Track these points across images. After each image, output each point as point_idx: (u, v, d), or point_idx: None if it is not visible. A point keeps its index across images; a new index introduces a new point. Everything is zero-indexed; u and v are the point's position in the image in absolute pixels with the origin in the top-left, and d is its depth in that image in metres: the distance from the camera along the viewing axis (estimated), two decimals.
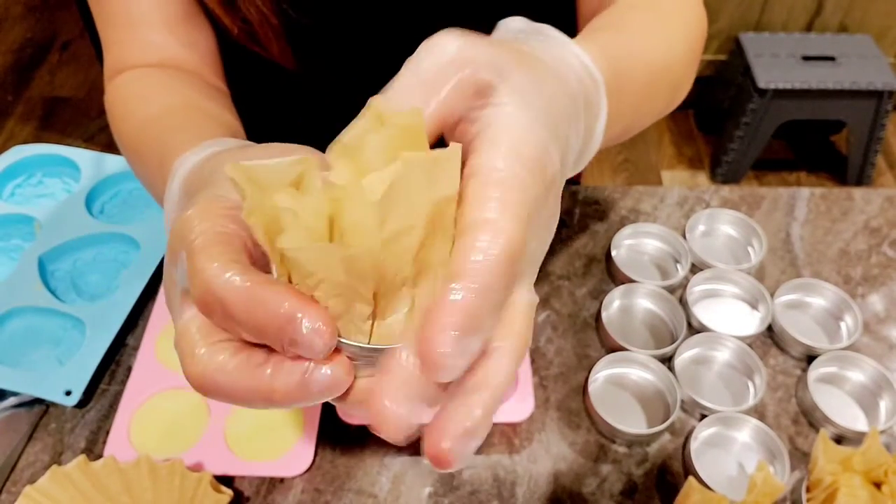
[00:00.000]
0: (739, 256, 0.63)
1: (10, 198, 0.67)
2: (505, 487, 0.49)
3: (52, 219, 0.64)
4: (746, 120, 1.73)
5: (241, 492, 0.49)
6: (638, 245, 0.64)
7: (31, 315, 0.57)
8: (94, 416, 0.53)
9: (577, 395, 0.54)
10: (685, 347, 0.55)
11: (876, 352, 0.57)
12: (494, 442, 0.51)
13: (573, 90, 0.30)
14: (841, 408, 0.53)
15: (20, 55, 2.18)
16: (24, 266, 0.59)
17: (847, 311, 0.58)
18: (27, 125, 1.98)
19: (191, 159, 0.35)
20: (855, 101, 1.69)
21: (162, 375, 0.53)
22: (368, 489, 0.49)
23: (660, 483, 0.49)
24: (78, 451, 0.51)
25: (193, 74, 0.52)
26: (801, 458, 0.51)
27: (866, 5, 1.80)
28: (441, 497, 0.48)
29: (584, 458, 0.50)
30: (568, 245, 0.64)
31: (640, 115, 0.42)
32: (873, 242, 0.64)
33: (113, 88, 0.52)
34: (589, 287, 0.61)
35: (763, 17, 1.84)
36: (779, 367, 0.56)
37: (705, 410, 0.52)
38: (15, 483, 0.49)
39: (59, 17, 2.24)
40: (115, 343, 0.55)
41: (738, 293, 0.60)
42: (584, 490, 0.49)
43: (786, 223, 0.66)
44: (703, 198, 0.68)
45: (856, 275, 0.62)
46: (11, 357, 0.55)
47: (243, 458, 0.49)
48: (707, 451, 0.51)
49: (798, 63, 1.72)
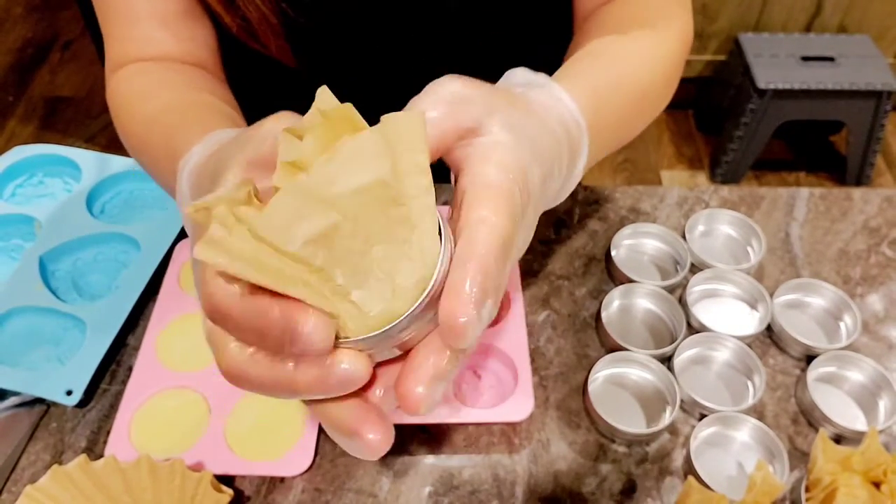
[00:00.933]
0: (739, 256, 0.63)
1: (10, 198, 0.67)
2: (505, 487, 0.49)
3: (53, 219, 0.64)
4: (746, 120, 1.73)
5: (242, 491, 0.49)
6: (637, 245, 0.64)
7: (32, 315, 0.57)
8: (95, 415, 0.53)
9: (576, 394, 0.54)
10: (685, 347, 0.55)
11: (875, 351, 0.57)
12: (494, 441, 0.51)
13: (558, 135, 0.35)
14: (840, 407, 0.53)
15: (21, 55, 2.18)
16: (24, 266, 0.59)
17: (846, 310, 0.58)
18: (28, 125, 1.98)
19: (196, 154, 0.37)
20: (854, 101, 1.69)
21: (162, 375, 0.53)
22: (368, 489, 0.49)
23: (659, 482, 0.49)
24: (79, 451, 0.51)
25: (193, 68, 0.53)
26: (800, 457, 0.51)
27: (865, 6, 1.80)
28: (441, 496, 0.48)
29: (584, 457, 0.51)
30: (567, 245, 0.64)
31: (620, 139, 0.46)
32: (872, 242, 0.65)
33: (115, 82, 0.52)
34: (588, 287, 0.61)
35: (762, 17, 1.84)
36: (778, 366, 0.56)
37: (705, 410, 0.52)
38: (16, 482, 0.49)
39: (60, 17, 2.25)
40: (116, 343, 0.55)
41: (738, 293, 0.60)
42: (584, 489, 0.49)
43: (785, 223, 0.66)
44: (703, 198, 0.68)
45: (855, 275, 0.62)
46: (12, 357, 0.55)
47: (244, 458, 0.49)
48: (706, 450, 0.51)
49: (797, 63, 1.72)
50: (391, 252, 0.25)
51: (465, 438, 0.51)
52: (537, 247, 0.63)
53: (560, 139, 0.35)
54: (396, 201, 0.25)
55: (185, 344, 0.55)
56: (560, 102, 0.37)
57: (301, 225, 0.24)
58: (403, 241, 0.26)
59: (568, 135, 0.36)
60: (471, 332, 0.25)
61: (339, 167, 0.24)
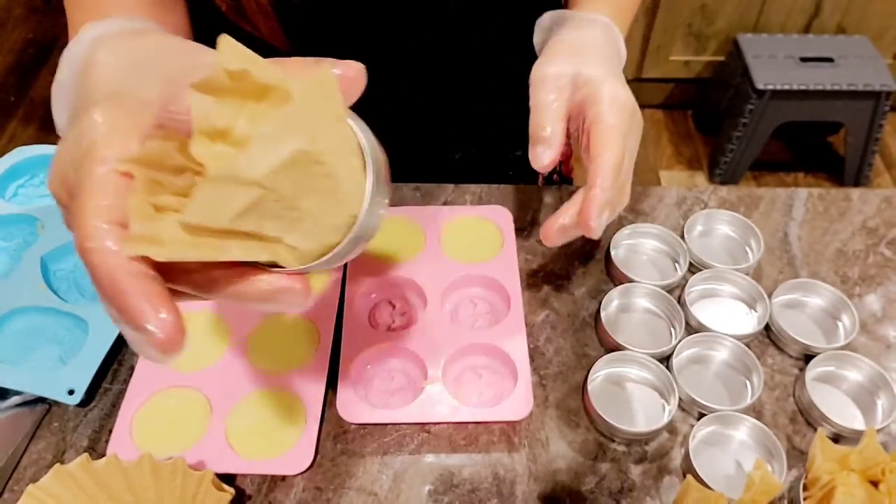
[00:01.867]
0: (737, 256, 0.63)
1: (12, 198, 0.67)
2: (504, 486, 0.49)
3: (55, 219, 0.64)
4: (744, 121, 1.74)
5: (243, 490, 0.49)
6: (636, 245, 0.64)
7: (34, 314, 0.57)
8: (97, 414, 0.53)
9: (576, 393, 0.54)
10: (683, 347, 0.55)
11: (873, 351, 0.57)
12: (494, 440, 0.51)
13: (618, 51, 0.51)
14: (838, 407, 0.53)
15: (22, 56, 2.18)
16: (26, 266, 0.60)
17: (844, 310, 0.58)
18: (29, 126, 1.98)
19: (87, 35, 0.35)
20: (852, 101, 1.70)
21: (164, 374, 0.53)
22: (369, 487, 0.49)
23: (658, 481, 0.50)
24: (80, 450, 0.51)
25: None
26: (798, 456, 0.51)
27: (864, 6, 1.80)
28: (441, 495, 0.49)
29: (583, 456, 0.51)
30: (567, 245, 0.64)
31: (630, 20, 0.59)
32: (870, 242, 0.65)
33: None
34: (588, 287, 0.61)
35: (761, 18, 1.84)
36: (776, 366, 0.56)
37: (703, 409, 0.52)
38: (18, 482, 0.50)
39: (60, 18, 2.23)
40: (118, 342, 0.56)
41: (736, 293, 0.60)
42: (583, 488, 0.49)
43: (783, 223, 0.66)
44: (702, 198, 0.68)
45: (853, 275, 0.62)
46: (14, 356, 0.55)
47: (245, 457, 0.49)
48: (705, 449, 0.51)
49: (796, 64, 1.72)
50: (319, 202, 0.27)
51: (464, 437, 0.52)
52: (537, 247, 0.63)
53: (620, 54, 0.51)
54: (318, 160, 0.27)
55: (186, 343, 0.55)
56: (603, 25, 0.51)
57: (227, 204, 0.25)
58: (328, 190, 0.28)
59: (618, 48, 0.51)
60: (597, 230, 0.42)
61: (259, 147, 0.25)
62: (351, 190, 0.29)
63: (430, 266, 0.60)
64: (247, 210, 0.25)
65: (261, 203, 0.26)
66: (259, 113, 0.27)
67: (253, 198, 0.25)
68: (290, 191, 0.26)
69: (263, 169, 0.25)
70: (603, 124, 0.42)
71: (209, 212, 0.25)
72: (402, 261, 0.61)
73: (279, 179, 0.26)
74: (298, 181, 0.26)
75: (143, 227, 0.25)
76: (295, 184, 0.26)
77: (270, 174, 0.25)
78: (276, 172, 0.25)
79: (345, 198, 0.28)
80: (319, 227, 0.28)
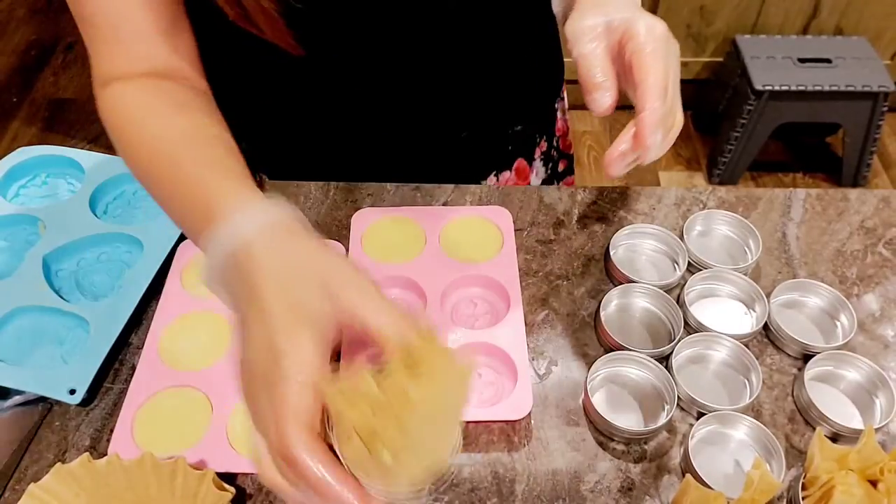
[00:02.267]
0: (736, 257, 0.64)
1: (14, 198, 0.68)
2: (504, 485, 0.49)
3: (57, 219, 0.64)
4: (743, 121, 1.74)
5: (244, 489, 0.49)
6: (636, 245, 0.65)
7: (36, 314, 0.58)
8: (98, 414, 0.53)
9: (575, 393, 0.54)
10: (682, 346, 0.55)
11: (871, 350, 0.57)
12: (494, 440, 0.52)
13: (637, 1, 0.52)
14: (837, 406, 0.54)
15: (24, 57, 2.18)
16: (28, 266, 0.60)
17: (842, 310, 0.58)
18: (31, 126, 1.98)
19: (242, 229, 0.40)
20: (850, 102, 1.70)
21: (165, 374, 0.54)
22: None
23: (657, 480, 0.50)
24: (82, 449, 0.51)
25: (183, 84, 0.54)
26: (797, 455, 0.51)
27: (862, 8, 1.81)
28: (441, 494, 0.49)
29: (583, 455, 0.51)
30: (566, 245, 0.64)
31: None
32: (868, 242, 0.65)
33: (108, 98, 0.52)
34: (587, 287, 0.61)
35: (759, 19, 1.84)
36: (775, 365, 0.56)
37: (702, 409, 0.52)
38: (19, 481, 0.50)
39: (63, 19, 2.25)
40: (119, 342, 0.56)
41: (735, 293, 0.60)
42: (583, 487, 0.49)
43: (782, 224, 0.66)
44: (700, 198, 0.68)
45: (851, 275, 0.62)
46: (16, 356, 0.56)
47: (246, 456, 0.49)
48: (704, 448, 0.51)
49: (794, 65, 1.72)
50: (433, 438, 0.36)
51: (464, 437, 0.52)
52: (536, 247, 0.64)
53: (637, 2, 0.52)
54: (454, 416, 0.38)
55: (188, 343, 0.56)
56: None
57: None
58: (440, 435, 0.37)
59: None
60: (654, 148, 0.45)
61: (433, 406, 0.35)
62: (440, 448, 0.37)
63: (430, 266, 0.60)
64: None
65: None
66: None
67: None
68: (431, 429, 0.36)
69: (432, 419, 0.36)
70: (643, 52, 0.45)
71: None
72: (402, 261, 0.61)
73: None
74: (439, 422, 0.37)
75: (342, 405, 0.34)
76: (437, 424, 0.37)
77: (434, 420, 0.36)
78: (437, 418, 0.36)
79: (437, 450, 0.37)
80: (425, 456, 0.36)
